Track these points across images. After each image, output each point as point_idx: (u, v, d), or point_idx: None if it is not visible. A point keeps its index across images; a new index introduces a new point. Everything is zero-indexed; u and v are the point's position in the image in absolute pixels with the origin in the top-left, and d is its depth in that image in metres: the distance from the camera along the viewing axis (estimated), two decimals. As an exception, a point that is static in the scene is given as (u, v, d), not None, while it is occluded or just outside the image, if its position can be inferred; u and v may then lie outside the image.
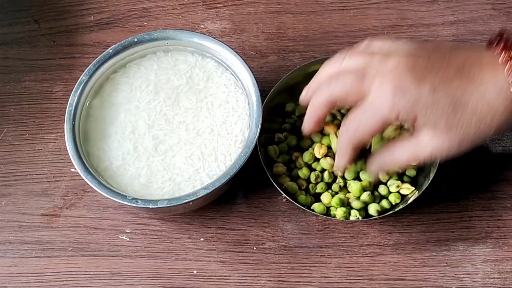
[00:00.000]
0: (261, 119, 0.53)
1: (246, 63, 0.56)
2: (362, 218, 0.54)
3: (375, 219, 0.56)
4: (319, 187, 0.56)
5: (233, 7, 0.69)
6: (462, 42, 0.65)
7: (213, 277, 0.56)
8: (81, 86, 0.56)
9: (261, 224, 0.58)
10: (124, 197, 0.51)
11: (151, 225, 0.58)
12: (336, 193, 0.56)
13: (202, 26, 0.68)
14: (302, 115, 0.59)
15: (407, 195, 0.56)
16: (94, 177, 0.52)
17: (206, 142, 0.55)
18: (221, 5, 0.69)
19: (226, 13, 0.69)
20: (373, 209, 0.55)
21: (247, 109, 0.56)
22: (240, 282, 0.55)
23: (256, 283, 0.55)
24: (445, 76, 0.45)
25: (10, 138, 0.63)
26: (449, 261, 0.56)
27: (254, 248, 0.57)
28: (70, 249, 0.57)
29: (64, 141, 0.61)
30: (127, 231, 0.58)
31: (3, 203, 0.60)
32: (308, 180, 0.56)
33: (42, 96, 0.65)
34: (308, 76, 0.59)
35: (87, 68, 0.57)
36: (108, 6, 0.70)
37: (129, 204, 0.51)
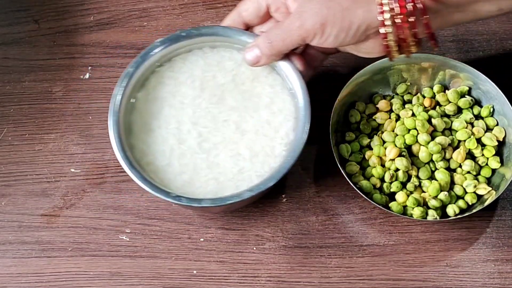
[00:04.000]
0: (309, 123, 0.52)
1: (295, 66, 0.54)
2: (440, 218, 0.54)
3: (453, 219, 0.55)
4: (394, 186, 0.55)
5: (233, 7, 0.69)
6: (462, 42, 0.65)
7: (213, 277, 0.56)
8: (127, 78, 0.54)
9: (261, 224, 0.58)
10: (168, 194, 0.50)
11: (151, 225, 0.58)
12: (411, 192, 0.55)
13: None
14: (372, 114, 0.59)
15: (483, 195, 0.55)
16: (138, 172, 0.51)
17: (250, 142, 0.54)
18: (221, 5, 0.69)
19: (226, 13, 0.68)
20: (450, 209, 0.54)
21: (293, 111, 0.55)
22: (240, 282, 0.55)
23: (256, 283, 0.55)
24: None
25: (10, 138, 0.63)
26: (449, 261, 0.56)
27: (254, 248, 0.57)
28: (70, 249, 0.57)
29: (64, 141, 0.61)
30: (127, 231, 0.58)
31: (3, 203, 0.60)
32: (382, 179, 0.56)
33: (42, 96, 0.65)
34: (377, 73, 0.59)
35: (134, 60, 0.55)
36: (108, 6, 0.70)
37: (172, 201, 0.50)
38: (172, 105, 0.55)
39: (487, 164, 0.57)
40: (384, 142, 0.57)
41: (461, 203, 0.55)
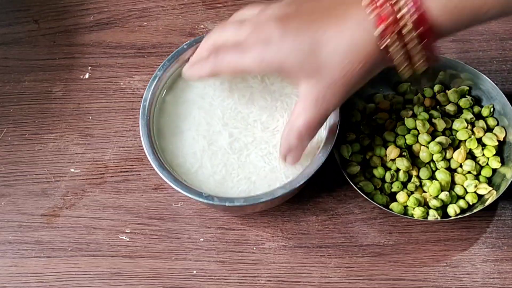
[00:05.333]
0: (339, 120, 0.52)
1: None
2: (441, 218, 0.54)
3: (453, 219, 0.55)
4: (395, 186, 0.55)
5: (233, 7, 0.69)
6: (462, 42, 0.65)
7: (213, 277, 0.56)
8: (156, 81, 0.55)
9: (261, 224, 0.58)
10: (200, 194, 0.50)
11: (151, 225, 0.58)
12: (412, 192, 0.55)
13: (202, 26, 0.68)
14: (372, 114, 0.59)
15: (484, 195, 0.55)
16: (169, 173, 0.51)
17: (279, 140, 0.53)
18: (221, 5, 0.69)
19: (226, 13, 0.69)
20: (451, 209, 0.54)
21: None
22: (240, 282, 0.55)
23: (256, 283, 0.55)
24: (310, 19, 0.43)
25: (9, 138, 0.63)
26: (449, 261, 0.56)
27: (254, 248, 0.57)
28: (69, 249, 0.57)
29: (63, 141, 0.61)
30: (127, 231, 0.58)
31: (2, 203, 0.60)
32: (383, 180, 0.56)
33: (41, 96, 0.65)
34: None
35: (162, 63, 0.55)
36: (107, 6, 0.70)
37: (205, 201, 0.50)
38: (202, 107, 0.55)
39: (487, 164, 0.57)
40: (384, 142, 0.57)
41: (461, 203, 0.55)
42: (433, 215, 0.54)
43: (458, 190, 0.56)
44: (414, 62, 0.44)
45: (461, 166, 0.57)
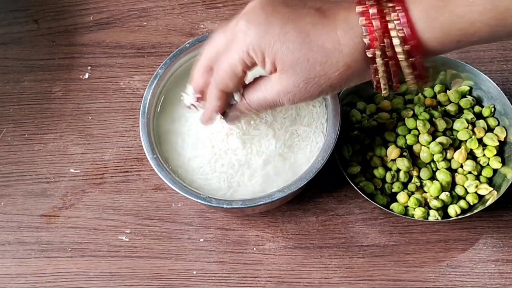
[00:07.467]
0: (339, 124, 0.52)
1: None
2: (441, 218, 0.54)
3: (453, 220, 0.55)
4: (396, 187, 0.55)
5: (233, 7, 0.69)
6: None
7: (213, 278, 0.56)
8: (157, 80, 0.54)
9: (261, 225, 0.58)
10: (198, 195, 0.50)
11: (150, 226, 0.58)
12: (412, 193, 0.55)
13: (202, 26, 0.68)
14: (373, 114, 0.59)
15: (484, 195, 0.55)
16: (168, 174, 0.51)
17: (282, 143, 0.53)
18: (221, 5, 0.69)
19: (226, 13, 0.69)
20: (452, 209, 0.54)
21: (324, 113, 0.54)
22: (240, 283, 0.55)
23: (256, 283, 0.55)
24: (299, 11, 0.42)
25: (9, 138, 0.63)
26: (450, 261, 0.56)
27: (254, 249, 0.57)
28: (69, 249, 0.57)
29: (63, 142, 0.61)
30: (127, 231, 0.58)
31: (2, 204, 0.60)
32: (383, 180, 0.56)
33: (41, 96, 0.65)
34: None
35: (163, 62, 0.55)
36: (107, 6, 0.70)
37: (203, 202, 0.50)
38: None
39: (488, 164, 0.57)
40: (385, 142, 0.57)
41: (462, 203, 0.55)
42: (433, 215, 0.54)
43: (459, 190, 0.56)
44: (399, 79, 0.43)
45: (461, 166, 0.56)
